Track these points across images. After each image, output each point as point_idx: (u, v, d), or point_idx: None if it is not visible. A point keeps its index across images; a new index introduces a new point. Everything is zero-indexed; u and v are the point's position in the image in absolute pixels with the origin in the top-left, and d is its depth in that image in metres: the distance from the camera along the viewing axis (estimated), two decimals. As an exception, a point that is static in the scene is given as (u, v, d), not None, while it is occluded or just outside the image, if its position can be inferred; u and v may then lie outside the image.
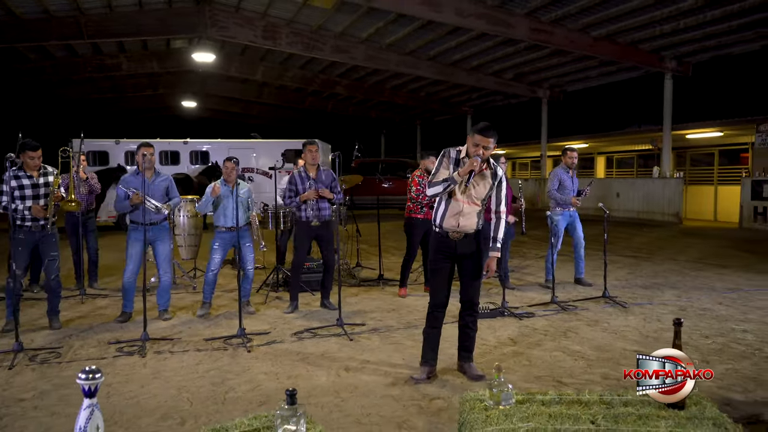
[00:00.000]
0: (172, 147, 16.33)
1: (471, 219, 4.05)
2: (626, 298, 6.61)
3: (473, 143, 3.92)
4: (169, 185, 6.04)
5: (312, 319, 5.87)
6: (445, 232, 4.10)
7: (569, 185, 7.37)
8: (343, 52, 17.33)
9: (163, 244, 5.94)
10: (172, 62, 20.32)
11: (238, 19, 15.79)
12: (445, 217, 4.10)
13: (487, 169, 4.04)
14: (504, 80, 20.16)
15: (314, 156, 6.27)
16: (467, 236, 4.08)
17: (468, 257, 4.11)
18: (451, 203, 4.05)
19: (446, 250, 4.12)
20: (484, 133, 3.88)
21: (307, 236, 6.31)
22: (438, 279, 4.20)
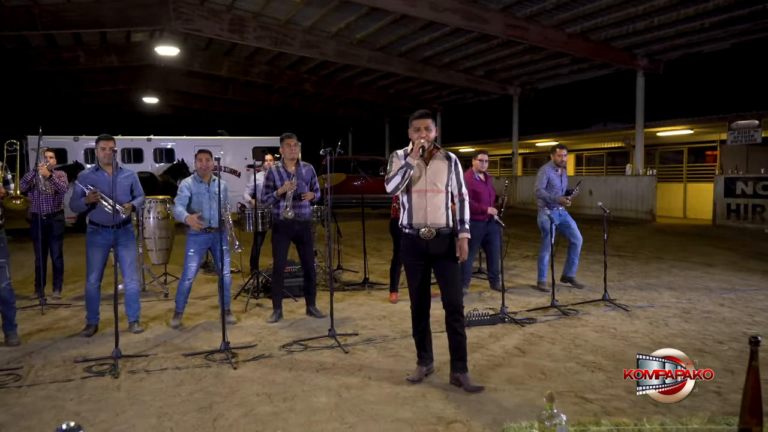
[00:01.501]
0: (135, 144, 15.64)
1: (439, 210, 3.93)
2: (625, 300, 6.37)
3: (414, 130, 3.95)
4: (133, 182, 5.51)
5: (299, 329, 5.45)
6: (416, 231, 3.94)
7: (557, 184, 7.12)
8: (312, 47, 16.86)
9: (126, 248, 5.39)
10: (132, 56, 19.50)
11: (204, 12, 15.19)
12: (412, 215, 3.96)
13: (437, 151, 4.01)
14: (475, 77, 19.98)
15: (293, 150, 5.85)
16: (440, 235, 3.92)
17: (442, 257, 3.97)
18: (414, 198, 3.95)
19: (418, 251, 3.98)
20: (421, 117, 3.97)
21: (287, 236, 5.88)
22: (413, 282, 4.06)
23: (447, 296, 3.97)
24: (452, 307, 3.97)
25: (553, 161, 7.17)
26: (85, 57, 18.74)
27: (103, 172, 5.31)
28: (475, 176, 6.94)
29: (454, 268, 3.98)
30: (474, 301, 6.49)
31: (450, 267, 3.96)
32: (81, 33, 16.84)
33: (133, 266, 5.46)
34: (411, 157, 3.86)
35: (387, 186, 3.91)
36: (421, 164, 3.94)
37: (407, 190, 3.96)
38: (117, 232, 5.29)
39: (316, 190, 6.01)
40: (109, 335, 5.08)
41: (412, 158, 3.85)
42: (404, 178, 3.85)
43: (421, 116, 3.98)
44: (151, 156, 15.51)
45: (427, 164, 3.96)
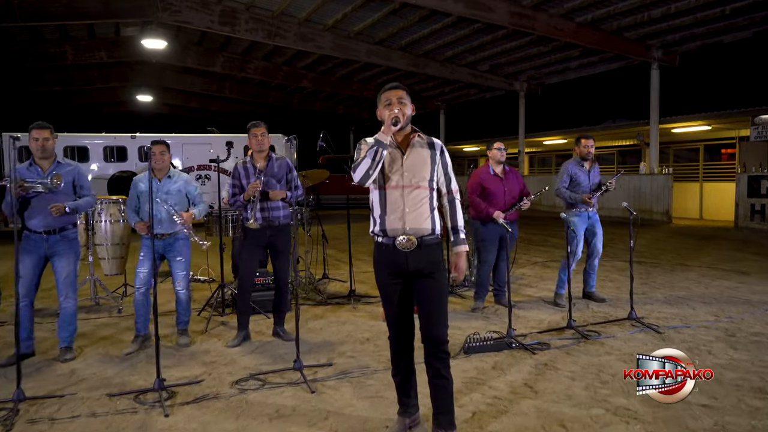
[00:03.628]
0: (118, 142, 14.80)
1: (421, 213, 3.01)
2: (654, 318, 5.40)
3: (384, 106, 3.08)
4: (75, 178, 4.58)
5: (263, 356, 4.53)
6: (391, 240, 2.99)
7: (584, 181, 6.15)
8: (308, 41, 16.03)
9: (62, 259, 4.49)
10: (122, 51, 18.71)
11: (192, 3, 14.38)
12: (386, 219, 3.01)
13: (416, 136, 3.12)
14: (479, 72, 19.06)
15: (260, 141, 4.91)
16: (423, 245, 2.99)
17: (425, 275, 3.03)
18: (388, 196, 3.02)
19: (395, 267, 3.03)
20: (392, 88, 3.11)
21: (257, 245, 4.94)
22: (390, 307, 3.11)
23: (428, 327, 3.01)
24: (434, 341, 3.01)
25: (578, 154, 6.22)
26: (73, 53, 18.01)
27: (36, 168, 4.42)
28: (489, 170, 6.02)
29: (440, 289, 3.04)
30: (476, 320, 5.56)
31: (435, 288, 3.01)
32: (68, 27, 16.14)
33: (69, 281, 4.53)
34: (382, 133, 2.90)
35: (354, 175, 2.95)
36: (396, 153, 3.03)
37: (378, 185, 3.04)
38: (51, 240, 4.41)
39: (296, 188, 5.06)
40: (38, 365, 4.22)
41: (384, 133, 2.90)
42: (375, 160, 2.88)
43: (392, 87, 3.10)
44: (136, 155, 14.67)
45: (404, 153, 3.05)
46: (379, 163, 2.91)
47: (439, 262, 3.04)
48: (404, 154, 3.04)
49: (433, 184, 3.09)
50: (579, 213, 6.09)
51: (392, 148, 3.02)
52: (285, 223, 4.98)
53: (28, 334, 4.44)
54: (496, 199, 5.91)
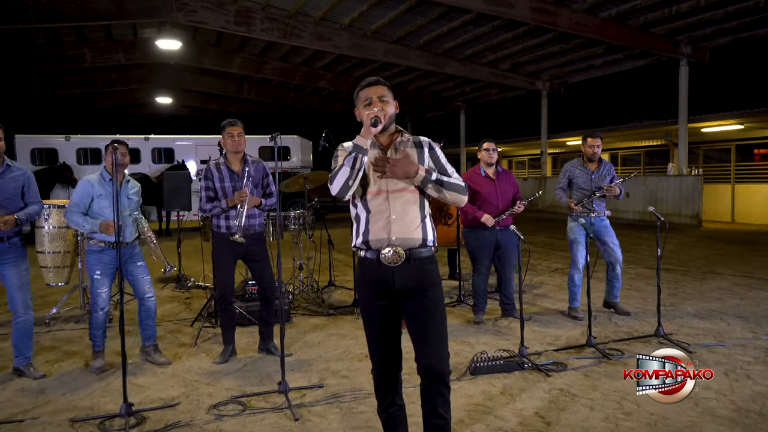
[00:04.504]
0: (132, 144, 14.64)
1: (409, 221, 2.60)
2: (684, 335, 4.91)
3: (363, 105, 2.68)
4: (25, 184, 4.24)
5: (251, 375, 4.17)
6: (375, 253, 2.59)
7: (584, 183, 5.67)
8: (324, 40, 15.75)
9: (12, 268, 4.14)
10: (139, 53, 18.63)
11: (207, 2, 14.23)
12: (369, 228, 2.60)
13: (399, 136, 2.73)
14: (500, 71, 18.57)
15: (236, 142, 4.51)
16: (413, 259, 2.58)
17: (415, 294, 2.60)
18: (372, 202, 2.62)
19: (379, 285, 2.61)
20: (370, 85, 2.70)
21: (231, 256, 4.55)
22: (372, 332, 2.68)
23: (423, 357, 2.58)
24: (431, 374, 2.57)
25: (583, 154, 5.76)
26: (91, 55, 17.98)
27: None
28: (480, 172, 5.59)
29: (435, 311, 2.61)
30: (485, 334, 5.13)
31: (428, 310, 2.59)
32: (85, 29, 16.10)
33: (23, 291, 4.18)
34: (361, 136, 2.53)
35: (331, 187, 2.56)
36: (378, 154, 2.65)
37: (361, 192, 2.64)
38: (1, 248, 4.08)
39: (270, 195, 4.67)
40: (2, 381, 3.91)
41: (363, 137, 2.53)
42: (355, 168, 2.49)
43: (369, 84, 2.69)
44: (149, 156, 14.52)
45: (387, 154, 2.65)
46: (359, 172, 2.52)
47: (433, 278, 2.63)
48: (387, 155, 2.65)
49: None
50: (577, 217, 5.62)
51: (374, 150, 2.64)
52: (260, 231, 4.61)
53: None
54: (488, 203, 5.48)
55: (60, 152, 13.84)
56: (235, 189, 4.48)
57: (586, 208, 5.62)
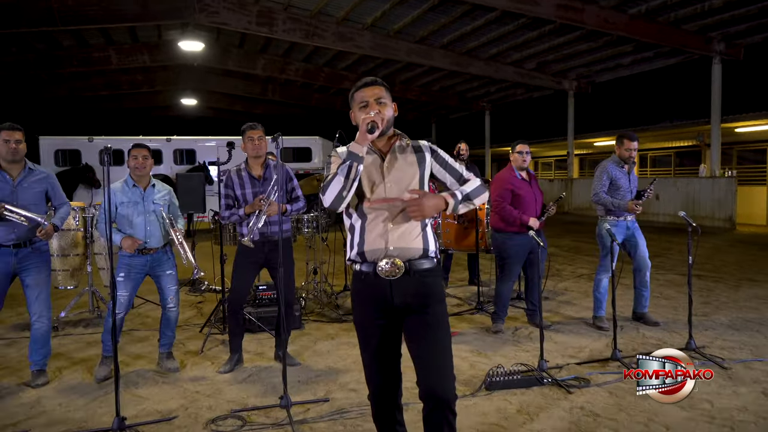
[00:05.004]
0: (153, 145, 14.71)
1: (409, 229, 2.39)
2: (718, 349, 4.59)
3: (358, 108, 2.46)
4: (48, 187, 4.17)
5: (255, 386, 4.00)
6: (371, 266, 2.37)
7: (625, 185, 5.38)
8: (346, 40, 15.63)
9: (34, 275, 4.04)
10: (164, 55, 18.77)
11: (229, 3, 14.24)
12: (365, 238, 2.39)
13: (398, 140, 2.52)
14: (525, 71, 18.22)
15: (257, 146, 4.36)
16: (411, 271, 2.37)
17: (416, 311, 2.38)
18: (368, 213, 2.42)
19: (376, 301, 2.40)
20: (366, 85, 2.47)
21: (252, 262, 4.39)
22: (368, 353, 2.47)
23: (426, 381, 2.35)
24: (435, 400, 2.33)
25: (618, 156, 5.48)
26: (117, 57, 18.18)
27: (3, 174, 3.98)
28: (516, 174, 5.35)
29: (438, 329, 2.37)
30: (504, 344, 4.88)
31: (430, 328, 2.36)
32: (110, 31, 16.24)
33: (43, 297, 4.09)
34: (356, 143, 2.32)
35: (324, 198, 2.35)
36: (375, 162, 2.44)
37: (357, 201, 2.43)
38: (21, 254, 3.99)
39: (296, 199, 4.49)
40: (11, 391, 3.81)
41: (359, 143, 2.32)
42: (350, 178, 2.29)
43: (366, 85, 2.46)
44: (171, 157, 14.55)
45: (384, 159, 2.46)
46: (354, 182, 2.31)
47: (436, 293, 2.41)
48: (385, 161, 2.45)
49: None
50: (617, 222, 5.33)
51: (370, 155, 2.44)
52: (286, 236, 4.41)
53: None
54: (527, 206, 5.22)
55: (83, 153, 13.95)
56: (257, 194, 4.33)
57: (621, 211, 5.34)
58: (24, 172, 4.05)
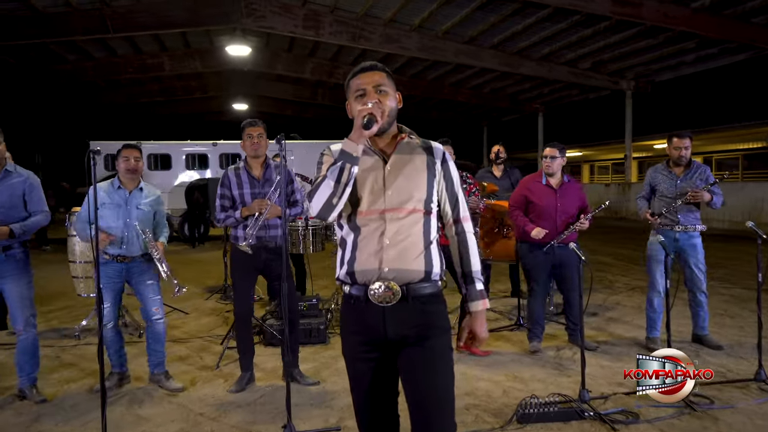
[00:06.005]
0: (200, 149, 14.84)
1: (408, 247, 2.00)
2: (792, 379, 4.03)
3: (355, 96, 2.08)
4: (26, 191, 3.87)
5: (264, 408, 3.69)
6: (362, 290, 1.99)
7: (668, 189, 4.83)
8: (393, 42, 15.40)
9: (10, 283, 3.81)
10: (215, 61, 19.05)
11: (276, 7, 14.29)
12: (356, 256, 2.00)
13: (403, 138, 2.11)
14: (580, 70, 17.49)
15: (256, 144, 4.07)
16: (410, 297, 1.98)
17: (413, 343, 2.01)
18: (362, 225, 2.02)
19: (366, 332, 2.03)
20: (364, 70, 2.08)
21: (250, 269, 4.10)
22: (359, 392, 2.09)
23: (423, 420, 1.96)
24: None
25: (669, 157, 4.94)
26: (170, 63, 18.56)
27: None
28: (541, 180, 4.88)
29: (440, 368, 1.99)
30: (543, 367, 4.42)
31: (432, 366, 1.98)
32: (163, 38, 16.56)
33: (25, 306, 3.86)
34: (350, 140, 1.94)
35: (311, 205, 1.98)
36: (375, 162, 2.07)
37: (350, 212, 2.06)
38: None
39: (294, 204, 4.20)
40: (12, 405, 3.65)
41: (353, 140, 1.93)
42: (341, 182, 1.91)
43: (363, 70, 2.08)
44: (217, 162, 14.64)
45: (387, 161, 2.07)
46: (347, 187, 1.94)
47: (438, 324, 2.02)
48: (387, 163, 2.06)
49: (432, 204, 2.07)
50: (661, 231, 4.79)
51: (370, 156, 2.07)
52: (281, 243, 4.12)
53: None
54: (545, 217, 4.75)
55: None
56: (256, 196, 4.06)
57: (669, 219, 4.80)
58: (2, 175, 3.81)
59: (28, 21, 13.17)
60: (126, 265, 4.02)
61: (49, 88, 19.08)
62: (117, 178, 4.06)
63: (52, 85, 18.82)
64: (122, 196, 4.02)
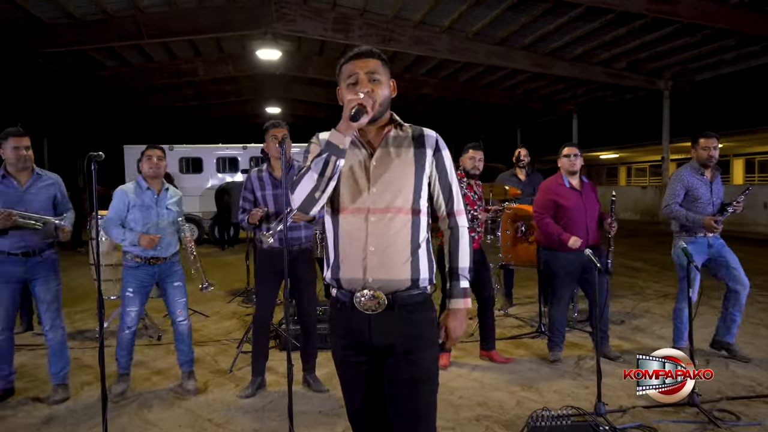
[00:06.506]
0: (230, 153, 15.03)
1: (394, 253, 1.92)
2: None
3: (347, 84, 1.99)
4: (57, 193, 4.01)
5: (271, 414, 3.67)
6: (349, 296, 1.93)
7: (704, 195, 4.63)
8: (423, 44, 15.31)
9: (43, 284, 3.92)
10: (247, 65, 19.26)
11: (306, 11, 14.37)
12: (339, 264, 1.95)
13: (393, 128, 2.01)
14: (615, 70, 17.06)
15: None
16: (396, 305, 1.92)
17: (398, 353, 1.95)
18: (344, 224, 1.95)
19: (352, 337, 1.98)
20: (357, 56, 1.99)
21: (272, 274, 4.08)
22: (350, 397, 2.05)
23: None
24: None
25: (696, 158, 4.73)
26: (204, 68, 18.85)
27: (11, 180, 3.87)
28: (563, 182, 4.74)
29: (422, 382, 1.92)
30: (562, 377, 4.28)
31: (414, 379, 1.90)
32: (197, 44, 16.82)
33: (54, 308, 3.97)
34: (338, 131, 1.85)
35: (293, 197, 1.90)
36: (361, 158, 1.98)
37: (332, 209, 1.99)
38: (30, 263, 3.87)
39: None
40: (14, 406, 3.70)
41: (341, 132, 1.84)
42: (325, 175, 1.83)
43: (357, 56, 1.98)
44: (247, 165, 14.84)
45: (372, 156, 1.98)
46: (331, 181, 1.86)
47: (425, 334, 1.95)
48: (373, 158, 1.97)
49: (421, 203, 1.98)
50: (695, 239, 4.59)
51: (355, 148, 1.98)
52: (306, 246, 4.08)
53: (9, 368, 3.98)
54: (576, 221, 4.59)
55: None
56: (278, 197, 4.06)
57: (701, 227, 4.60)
58: (32, 179, 3.93)
59: (67, 28, 13.57)
60: (158, 267, 4.10)
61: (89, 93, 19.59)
62: (142, 179, 4.11)
63: (92, 90, 19.32)
64: (151, 197, 4.09)
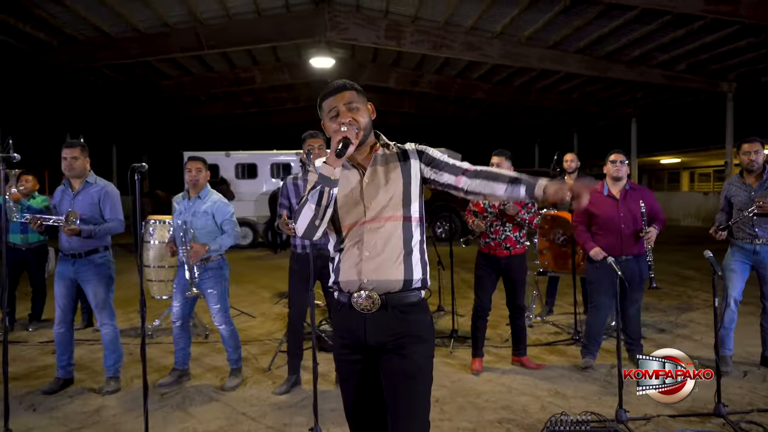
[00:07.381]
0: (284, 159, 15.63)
1: (387, 257, 2.07)
2: None
3: (329, 117, 2.15)
4: (102, 198, 4.26)
5: (303, 410, 3.84)
6: (347, 297, 2.11)
7: (744, 201, 4.52)
8: (475, 50, 15.30)
9: (89, 285, 4.22)
10: (301, 73, 19.73)
11: (359, 20, 14.64)
12: (340, 267, 2.13)
13: (381, 148, 2.19)
14: (674, 73, 16.55)
15: (316, 155, 4.24)
16: (389, 306, 2.07)
17: (391, 350, 2.08)
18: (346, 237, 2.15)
19: (349, 336, 2.14)
20: (334, 92, 2.16)
21: (306, 276, 4.15)
22: (347, 393, 2.18)
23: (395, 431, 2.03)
24: None
25: (741, 165, 4.65)
26: (261, 76, 19.44)
27: (67, 187, 4.28)
28: (602, 189, 4.71)
29: (415, 378, 2.04)
30: (590, 383, 4.28)
31: (407, 375, 2.03)
32: (255, 53, 17.39)
33: (101, 307, 4.27)
34: (326, 163, 2.02)
35: (296, 226, 2.08)
36: (354, 178, 2.15)
37: (334, 227, 2.16)
38: (77, 264, 4.20)
39: None
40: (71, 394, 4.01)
41: (329, 164, 2.01)
42: (322, 205, 2.01)
43: (332, 92, 2.17)
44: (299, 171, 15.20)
45: (364, 174, 2.15)
46: (328, 208, 2.04)
47: (418, 332, 2.08)
48: (364, 176, 2.14)
49: (412, 211, 2.13)
50: (739, 245, 4.51)
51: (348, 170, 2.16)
52: None
53: (68, 359, 4.30)
54: (608, 228, 4.56)
55: (221, 167, 14.98)
56: None
57: (746, 233, 4.51)
58: (83, 185, 4.25)
59: (133, 41, 14.32)
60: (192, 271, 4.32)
61: (153, 102, 20.55)
62: (186, 190, 4.41)
63: (156, 99, 20.26)
64: (186, 204, 4.35)
